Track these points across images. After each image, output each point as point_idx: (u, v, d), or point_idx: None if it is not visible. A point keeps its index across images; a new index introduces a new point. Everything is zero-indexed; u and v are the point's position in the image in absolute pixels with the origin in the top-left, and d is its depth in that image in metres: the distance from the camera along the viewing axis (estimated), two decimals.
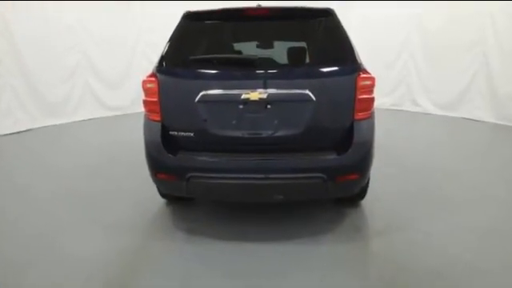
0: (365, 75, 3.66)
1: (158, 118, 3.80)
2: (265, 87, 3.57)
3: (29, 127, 9.07)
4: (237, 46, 4.81)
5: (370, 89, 3.69)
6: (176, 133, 3.80)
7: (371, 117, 3.81)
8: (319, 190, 3.72)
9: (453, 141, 8.17)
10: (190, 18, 4.10)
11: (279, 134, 3.67)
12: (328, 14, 4.03)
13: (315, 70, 3.86)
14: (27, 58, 9.05)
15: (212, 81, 3.80)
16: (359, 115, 3.68)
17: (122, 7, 10.69)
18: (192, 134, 3.76)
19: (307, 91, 3.56)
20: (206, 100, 3.64)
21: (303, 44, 4.31)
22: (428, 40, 10.76)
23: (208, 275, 3.44)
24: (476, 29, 9.70)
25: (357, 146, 3.65)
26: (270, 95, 3.56)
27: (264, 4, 4.15)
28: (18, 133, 8.76)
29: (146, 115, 3.94)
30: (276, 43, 4.74)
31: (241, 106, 3.62)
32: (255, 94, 3.55)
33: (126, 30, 10.97)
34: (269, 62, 4.23)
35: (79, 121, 10.13)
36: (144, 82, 3.82)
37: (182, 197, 4.51)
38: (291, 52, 4.16)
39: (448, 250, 3.77)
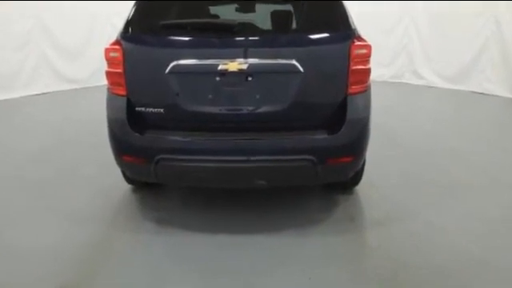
0: (360, 43, 3.64)
1: (123, 92, 3.76)
2: (245, 57, 3.54)
3: None
4: (213, 10, 4.75)
5: (365, 58, 3.67)
6: (144, 109, 3.76)
7: (367, 91, 3.80)
8: (307, 174, 3.73)
9: (460, 118, 8.26)
10: None
11: (262, 110, 3.66)
12: None
13: (303, 38, 3.83)
14: None
15: (185, 49, 3.78)
16: (353, 89, 3.67)
17: None
18: (162, 111, 3.73)
19: (294, 61, 3.53)
20: (178, 71, 3.60)
21: (289, 7, 4.27)
22: (432, 2, 10.71)
23: (180, 272, 3.44)
24: None
25: (350, 124, 3.65)
26: (251, 66, 3.53)
27: None
28: None
29: (109, 89, 3.89)
30: (258, 6, 4.67)
31: (218, 79, 3.58)
32: (234, 65, 3.51)
33: None
34: (250, 28, 4.18)
35: (33, 95, 10.07)
36: (107, 51, 3.75)
37: (150, 183, 4.49)
38: (275, 16, 4.12)
39: (454, 242, 3.79)
